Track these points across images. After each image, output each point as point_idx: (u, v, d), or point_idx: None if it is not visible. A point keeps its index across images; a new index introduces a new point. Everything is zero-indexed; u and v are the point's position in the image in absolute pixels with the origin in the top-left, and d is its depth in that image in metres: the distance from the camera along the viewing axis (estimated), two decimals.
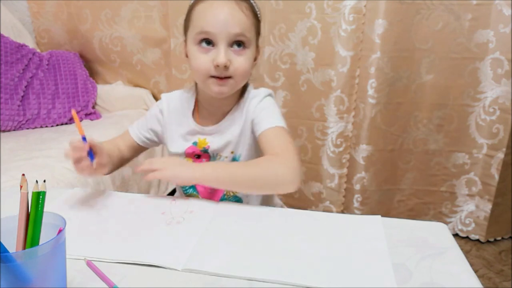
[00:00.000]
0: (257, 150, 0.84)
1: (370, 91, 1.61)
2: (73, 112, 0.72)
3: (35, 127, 1.66)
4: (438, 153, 1.72)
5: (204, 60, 0.77)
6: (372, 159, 1.72)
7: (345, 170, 1.77)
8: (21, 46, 1.69)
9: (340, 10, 1.55)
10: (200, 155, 0.89)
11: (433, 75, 1.59)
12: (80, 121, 1.75)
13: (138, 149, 0.92)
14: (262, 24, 0.85)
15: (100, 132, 1.58)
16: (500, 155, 1.61)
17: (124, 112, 1.82)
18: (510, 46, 1.47)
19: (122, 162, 0.90)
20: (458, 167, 1.72)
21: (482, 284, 0.55)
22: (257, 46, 0.84)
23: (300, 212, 0.72)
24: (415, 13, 1.52)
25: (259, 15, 0.82)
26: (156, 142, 0.92)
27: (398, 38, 1.54)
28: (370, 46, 1.56)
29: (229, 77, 0.78)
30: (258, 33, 0.83)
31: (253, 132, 0.84)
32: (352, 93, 1.65)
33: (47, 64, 1.74)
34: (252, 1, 0.81)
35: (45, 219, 0.44)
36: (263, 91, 0.86)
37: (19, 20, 1.87)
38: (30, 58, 1.69)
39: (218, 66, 0.76)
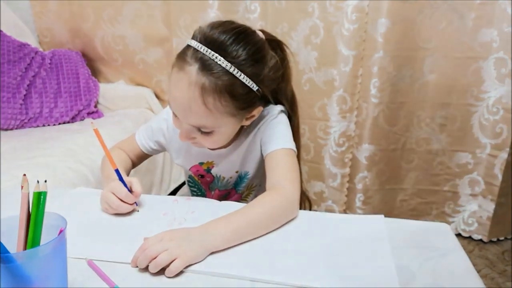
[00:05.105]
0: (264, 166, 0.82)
1: (373, 91, 1.60)
2: (96, 132, 0.71)
3: (38, 126, 1.66)
4: (441, 153, 1.71)
5: (176, 124, 0.75)
6: (374, 159, 1.71)
7: (347, 170, 1.77)
8: (24, 45, 1.69)
9: (342, 9, 1.54)
10: (204, 175, 0.89)
11: (436, 74, 1.58)
12: (82, 120, 1.76)
13: (145, 157, 0.94)
14: (264, 25, 0.82)
15: (102, 131, 1.53)
16: (504, 155, 1.60)
17: (126, 111, 1.82)
18: None
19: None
20: (461, 167, 1.71)
21: (485, 284, 0.54)
22: (248, 109, 0.73)
23: (302, 212, 0.72)
24: (418, 12, 1.51)
25: (248, 83, 0.69)
26: (161, 151, 0.93)
27: (401, 37, 1.53)
28: (373, 45, 1.55)
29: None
30: (244, 105, 0.71)
31: (261, 150, 0.82)
32: (354, 92, 1.64)
33: (50, 63, 1.74)
34: (233, 72, 0.67)
35: (46, 220, 0.44)
36: (276, 108, 0.82)
37: (21, 19, 1.87)
38: (32, 57, 1.69)
39: None
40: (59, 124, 1.70)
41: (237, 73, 0.67)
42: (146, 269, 0.56)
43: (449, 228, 0.69)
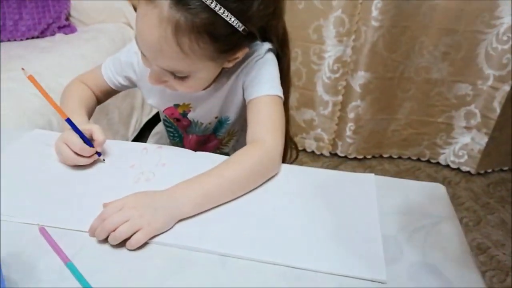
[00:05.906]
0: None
1: (375, 13, 1.44)
2: (32, 79, 0.59)
3: (2, 41, 1.50)
4: (440, 83, 1.61)
5: (145, 64, 0.64)
6: (369, 87, 1.61)
7: (340, 98, 1.68)
8: None
9: None
10: (180, 119, 0.79)
11: None
12: (53, 35, 1.59)
13: (113, 93, 0.83)
14: None
15: (75, 49, 1.43)
16: (506, 88, 1.51)
17: (102, 26, 1.65)
18: None
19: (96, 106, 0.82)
20: (460, 98, 1.63)
21: (467, 217, 0.50)
22: (230, 52, 0.62)
23: (285, 167, 0.65)
24: None
25: (232, 22, 0.56)
26: (131, 87, 0.82)
27: None
28: None
29: None
30: (227, 47, 0.60)
31: (243, 93, 0.72)
32: (354, 13, 1.48)
33: None
34: (214, 9, 0.54)
35: None
36: (263, 47, 0.70)
37: None
38: None
39: None
40: (27, 39, 1.54)
41: (219, 9, 0.54)
42: (105, 240, 0.50)
43: (444, 190, 0.63)
